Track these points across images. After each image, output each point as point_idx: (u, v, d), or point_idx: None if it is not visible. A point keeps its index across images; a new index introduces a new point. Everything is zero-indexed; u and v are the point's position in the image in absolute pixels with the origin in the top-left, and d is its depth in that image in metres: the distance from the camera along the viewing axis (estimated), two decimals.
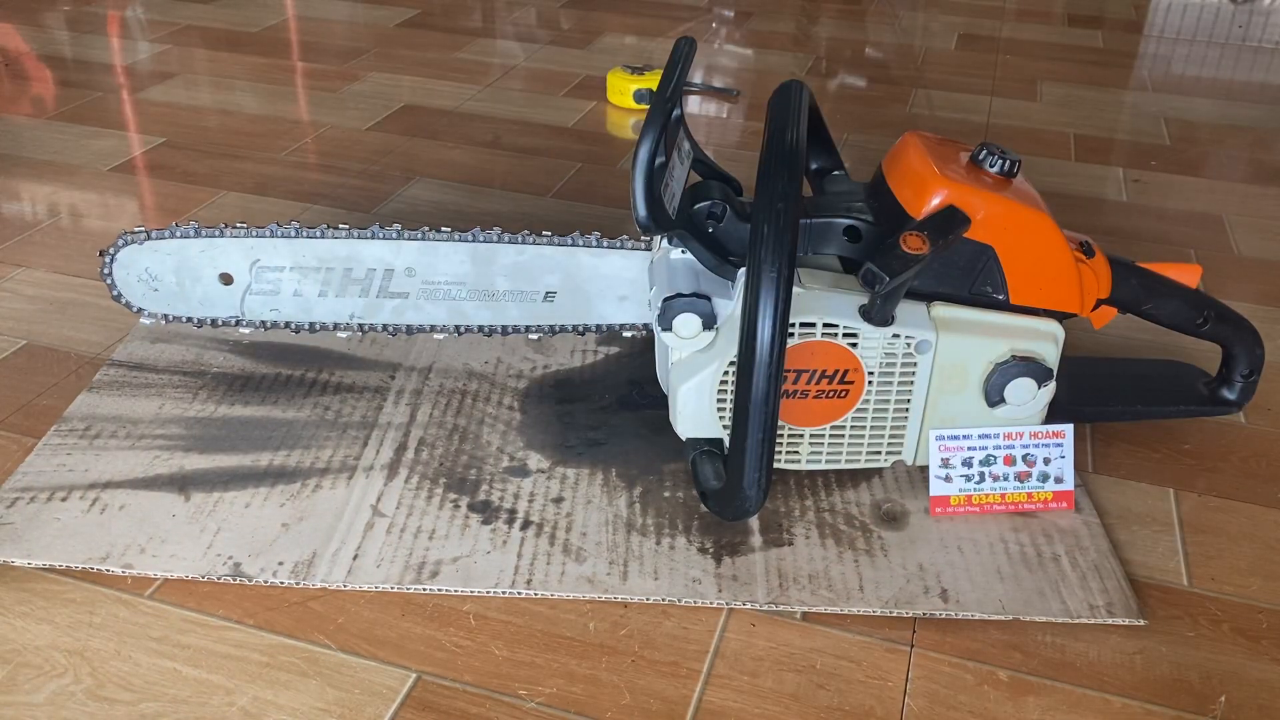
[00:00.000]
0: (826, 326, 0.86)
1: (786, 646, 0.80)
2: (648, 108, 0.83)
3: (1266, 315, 1.25)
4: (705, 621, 0.82)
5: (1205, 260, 1.37)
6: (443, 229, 1.02)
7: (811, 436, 0.91)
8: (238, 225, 1.01)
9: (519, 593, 0.83)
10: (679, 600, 0.83)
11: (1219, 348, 1.01)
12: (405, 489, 0.93)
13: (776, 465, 0.92)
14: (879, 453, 0.93)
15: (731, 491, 0.82)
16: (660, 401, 0.95)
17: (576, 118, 1.77)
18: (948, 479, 0.91)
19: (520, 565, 0.85)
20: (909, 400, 0.90)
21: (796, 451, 0.92)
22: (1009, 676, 0.78)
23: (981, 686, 0.78)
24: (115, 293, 1.04)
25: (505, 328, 1.04)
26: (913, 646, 0.81)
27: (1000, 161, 0.89)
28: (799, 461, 0.93)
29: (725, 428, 0.89)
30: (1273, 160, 1.71)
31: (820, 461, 0.93)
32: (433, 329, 1.04)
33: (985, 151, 0.89)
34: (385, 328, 1.04)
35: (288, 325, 1.04)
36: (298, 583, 0.83)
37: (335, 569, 0.84)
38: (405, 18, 2.26)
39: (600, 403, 1.05)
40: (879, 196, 0.91)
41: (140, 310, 1.05)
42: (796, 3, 2.48)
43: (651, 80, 1.78)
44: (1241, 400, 1.02)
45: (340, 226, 1.01)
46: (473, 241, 1.01)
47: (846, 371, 0.88)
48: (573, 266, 1.02)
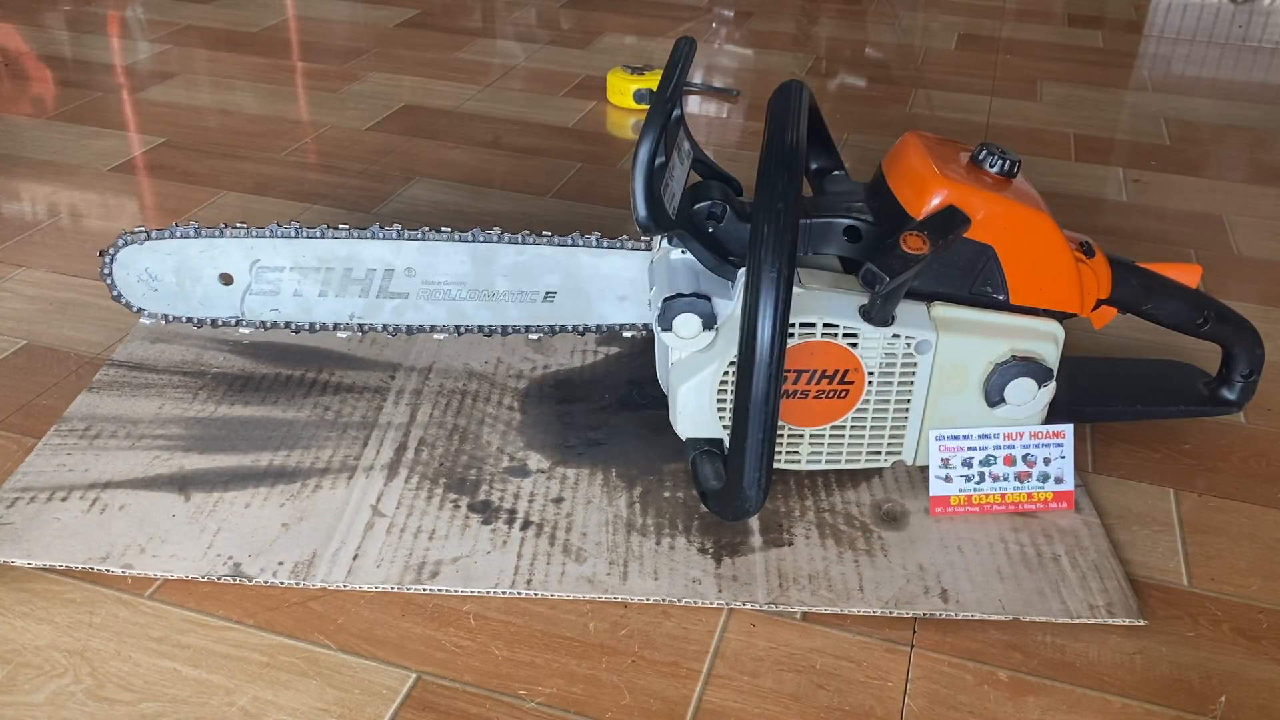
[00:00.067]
0: (826, 326, 0.86)
1: (786, 646, 0.80)
2: (648, 108, 0.83)
3: (1266, 315, 1.25)
4: (705, 622, 0.82)
5: (1205, 260, 1.37)
6: (443, 229, 1.02)
7: (811, 436, 0.91)
8: (238, 225, 1.01)
9: (519, 593, 0.83)
10: (679, 600, 0.83)
11: (1219, 348, 1.01)
12: (405, 489, 0.93)
13: (776, 465, 0.92)
14: (879, 453, 0.93)
15: (731, 491, 0.82)
16: (660, 401, 0.95)
17: (576, 118, 1.77)
18: (948, 479, 0.91)
19: (520, 565, 0.85)
20: (909, 400, 0.90)
21: (796, 451, 0.92)
22: (1009, 676, 0.78)
23: (981, 686, 0.78)
24: (115, 293, 1.04)
25: (505, 328, 1.04)
26: (913, 646, 0.81)
27: (1000, 161, 0.89)
28: (799, 461, 0.93)
29: (725, 428, 0.89)
30: (1273, 160, 1.70)
31: (820, 461, 0.93)
32: (433, 329, 1.04)
33: (985, 151, 0.89)
34: (385, 328, 1.04)
35: (288, 325, 1.04)
36: (298, 583, 0.83)
37: (335, 569, 0.84)
38: (405, 18, 2.26)
39: (600, 403, 1.05)
40: (879, 196, 0.91)
41: (140, 310, 1.05)
42: (796, 3, 2.48)
43: (651, 80, 1.78)
44: (1241, 400, 1.02)
45: (340, 226, 1.01)
46: (473, 241, 1.01)
47: (846, 371, 0.88)
48: (573, 266, 1.02)
